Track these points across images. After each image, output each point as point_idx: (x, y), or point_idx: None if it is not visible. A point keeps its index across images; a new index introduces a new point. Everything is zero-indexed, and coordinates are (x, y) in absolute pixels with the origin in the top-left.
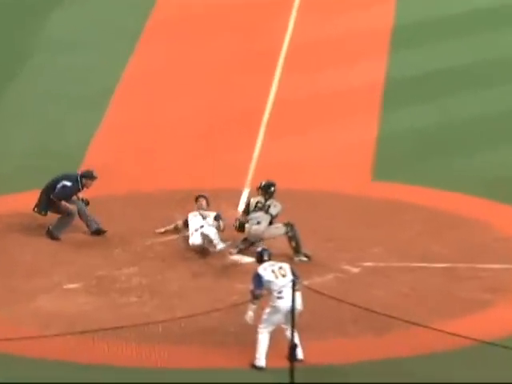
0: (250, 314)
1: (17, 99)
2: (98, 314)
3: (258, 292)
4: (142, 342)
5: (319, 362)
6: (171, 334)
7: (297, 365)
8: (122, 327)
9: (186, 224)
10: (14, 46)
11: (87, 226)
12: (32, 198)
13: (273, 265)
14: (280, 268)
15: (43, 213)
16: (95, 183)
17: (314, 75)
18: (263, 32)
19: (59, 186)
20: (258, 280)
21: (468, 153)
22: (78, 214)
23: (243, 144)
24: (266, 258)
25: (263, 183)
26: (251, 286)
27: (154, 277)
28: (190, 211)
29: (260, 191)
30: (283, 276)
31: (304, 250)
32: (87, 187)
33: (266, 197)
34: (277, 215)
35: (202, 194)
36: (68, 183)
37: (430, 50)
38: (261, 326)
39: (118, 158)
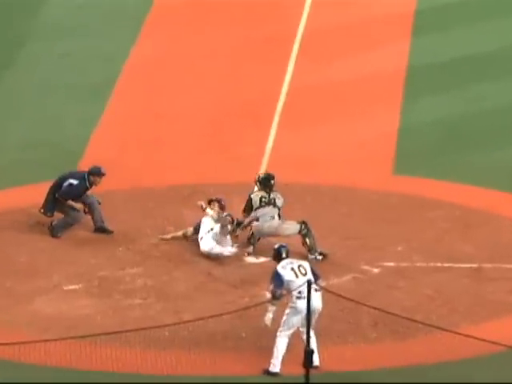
0: (269, 315)
1: (12, 89)
2: (100, 317)
3: (278, 292)
4: (147, 348)
5: (336, 368)
6: (178, 338)
7: (312, 372)
8: (126, 331)
9: (196, 231)
10: (8, 32)
11: (93, 220)
12: (29, 193)
13: (292, 263)
14: (300, 266)
15: (49, 214)
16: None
17: (330, 63)
18: (276, 17)
19: (65, 184)
20: (278, 279)
21: (496, 145)
22: (89, 207)
23: (255, 136)
24: (284, 255)
25: (262, 176)
26: (271, 286)
27: (159, 277)
28: (197, 207)
29: (260, 185)
30: (303, 275)
31: (320, 248)
32: (95, 185)
33: (267, 190)
34: (281, 207)
35: (217, 197)
36: (75, 182)
37: (454, 35)
38: (280, 329)
39: (121, 152)
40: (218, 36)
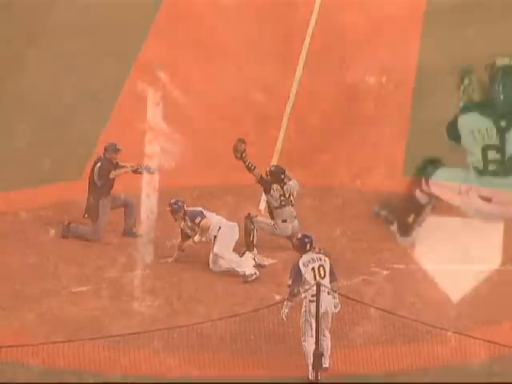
0: (285, 310)
1: (20, 90)
2: (108, 319)
3: (296, 290)
4: (156, 350)
5: (345, 370)
6: (187, 340)
7: (321, 374)
8: (135, 333)
9: (185, 235)
10: (17, 32)
11: (125, 223)
12: (37, 194)
13: (314, 260)
14: (320, 267)
15: (86, 215)
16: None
17: (341, 63)
18: (286, 17)
19: (96, 169)
20: (298, 277)
21: None
22: (127, 206)
23: (265, 137)
24: (308, 247)
25: (272, 169)
26: (289, 281)
27: (168, 279)
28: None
29: (272, 179)
30: (321, 278)
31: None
32: (115, 160)
33: (281, 184)
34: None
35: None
36: (99, 163)
37: (467, 33)
38: (303, 338)
39: (131, 153)
40: (228, 36)
